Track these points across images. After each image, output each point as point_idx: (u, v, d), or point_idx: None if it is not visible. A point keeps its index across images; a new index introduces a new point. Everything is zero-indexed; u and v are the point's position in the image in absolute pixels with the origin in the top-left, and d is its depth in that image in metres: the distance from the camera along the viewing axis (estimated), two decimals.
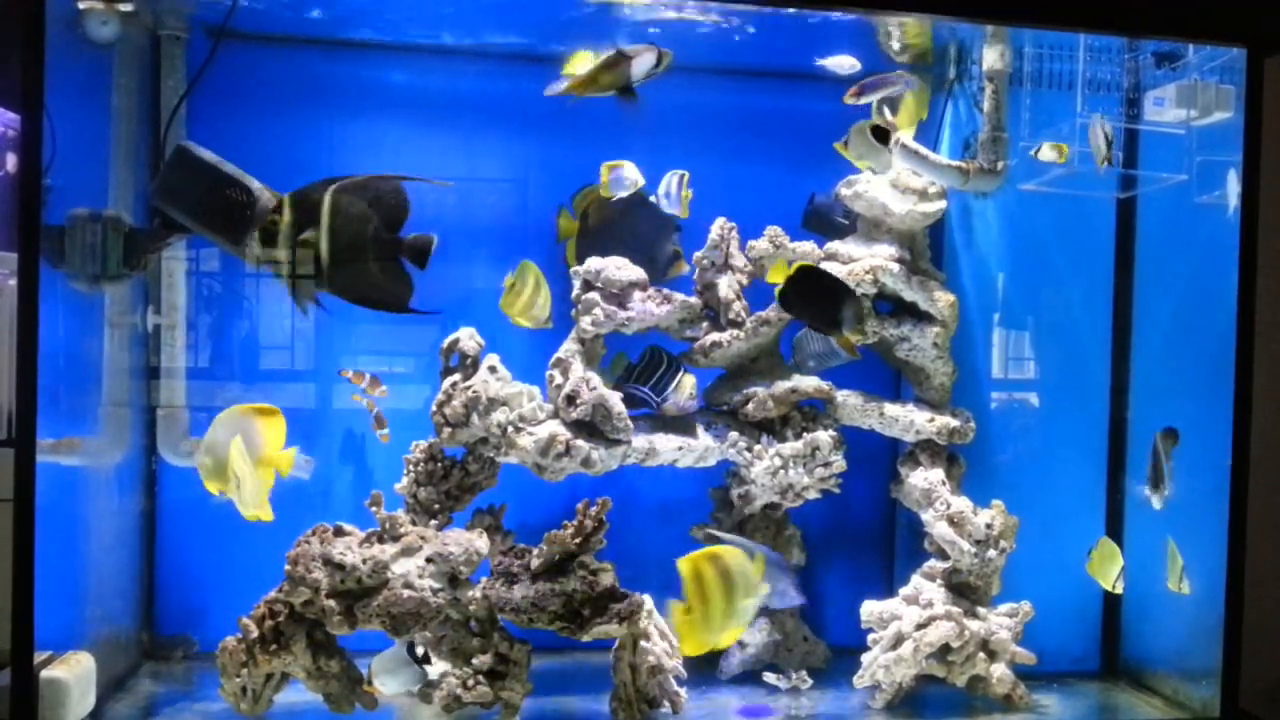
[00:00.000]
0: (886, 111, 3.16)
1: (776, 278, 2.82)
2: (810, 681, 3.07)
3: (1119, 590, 3.02)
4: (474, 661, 2.67)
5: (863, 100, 3.07)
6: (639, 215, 3.17)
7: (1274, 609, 3.04)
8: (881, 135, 2.92)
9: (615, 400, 2.95)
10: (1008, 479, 3.26)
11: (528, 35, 3.19)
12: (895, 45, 3.21)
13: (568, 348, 3.03)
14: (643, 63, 2.55)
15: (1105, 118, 3.01)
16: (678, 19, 2.98)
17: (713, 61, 3.33)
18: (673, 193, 2.97)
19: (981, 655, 2.98)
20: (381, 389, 3.00)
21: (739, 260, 3.16)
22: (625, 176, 2.97)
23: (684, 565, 2.40)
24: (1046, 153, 2.94)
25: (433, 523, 2.81)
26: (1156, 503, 2.92)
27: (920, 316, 3.16)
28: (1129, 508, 3.37)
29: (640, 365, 3.09)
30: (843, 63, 3.10)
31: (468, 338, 2.98)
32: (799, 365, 3.16)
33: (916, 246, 3.23)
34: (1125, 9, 2.90)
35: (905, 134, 3.13)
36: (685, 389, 3.06)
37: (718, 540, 2.58)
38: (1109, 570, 2.98)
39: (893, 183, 3.17)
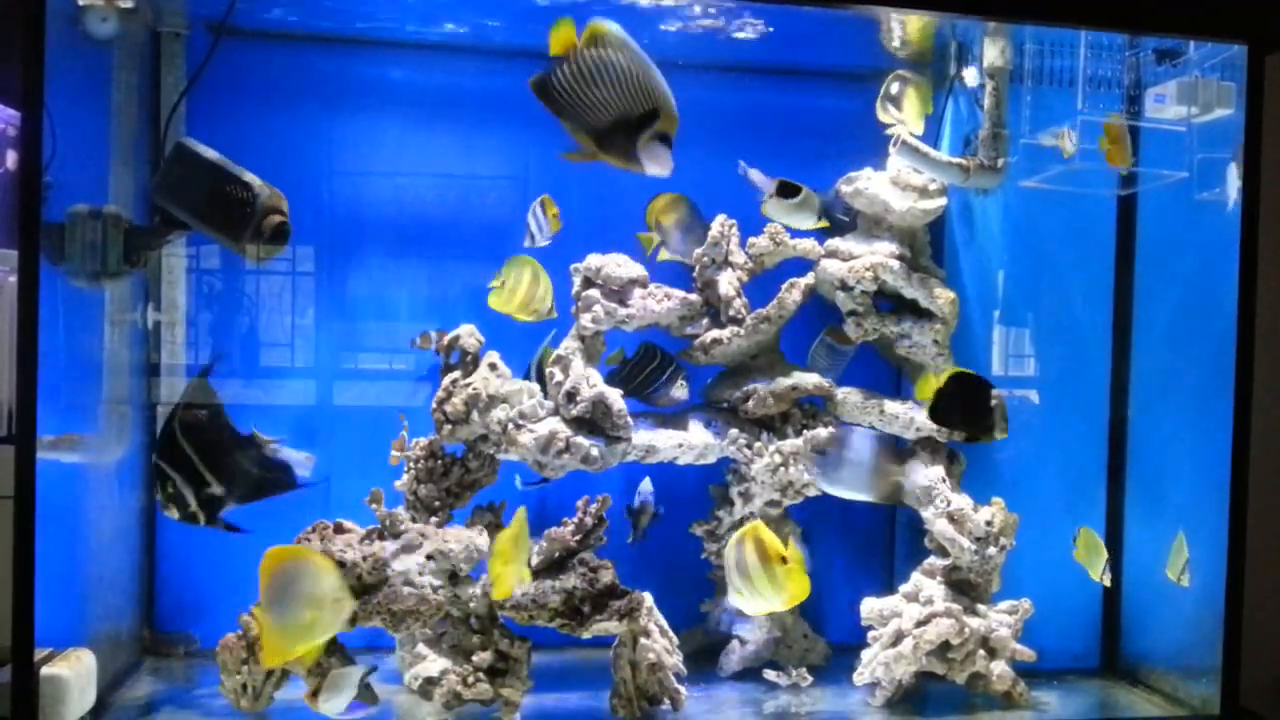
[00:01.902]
0: (891, 108, 3.16)
1: (925, 393, 2.89)
2: (810, 679, 3.07)
3: (1106, 582, 3.02)
4: (474, 658, 2.67)
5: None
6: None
7: (1274, 607, 3.04)
8: (790, 191, 3.00)
9: (615, 397, 2.95)
10: (1008, 476, 3.25)
11: (529, 31, 3.19)
12: (896, 42, 3.21)
13: (568, 345, 3.03)
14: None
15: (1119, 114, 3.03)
16: (676, 16, 2.98)
17: (713, 59, 3.32)
18: (540, 220, 2.93)
19: (981, 652, 2.98)
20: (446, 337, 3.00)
21: (739, 257, 3.16)
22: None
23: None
24: (1064, 142, 2.94)
25: (433, 520, 2.81)
26: None
27: (921, 314, 3.15)
28: (1129, 505, 3.37)
29: (634, 362, 3.09)
30: (758, 179, 3.13)
31: (468, 335, 2.98)
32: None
33: (917, 244, 3.23)
34: (1126, 6, 2.89)
35: (905, 131, 3.13)
36: (679, 385, 3.08)
37: None
38: (1093, 560, 2.98)
39: (893, 180, 3.17)
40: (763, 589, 2.47)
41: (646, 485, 3.09)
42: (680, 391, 3.10)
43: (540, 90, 2.20)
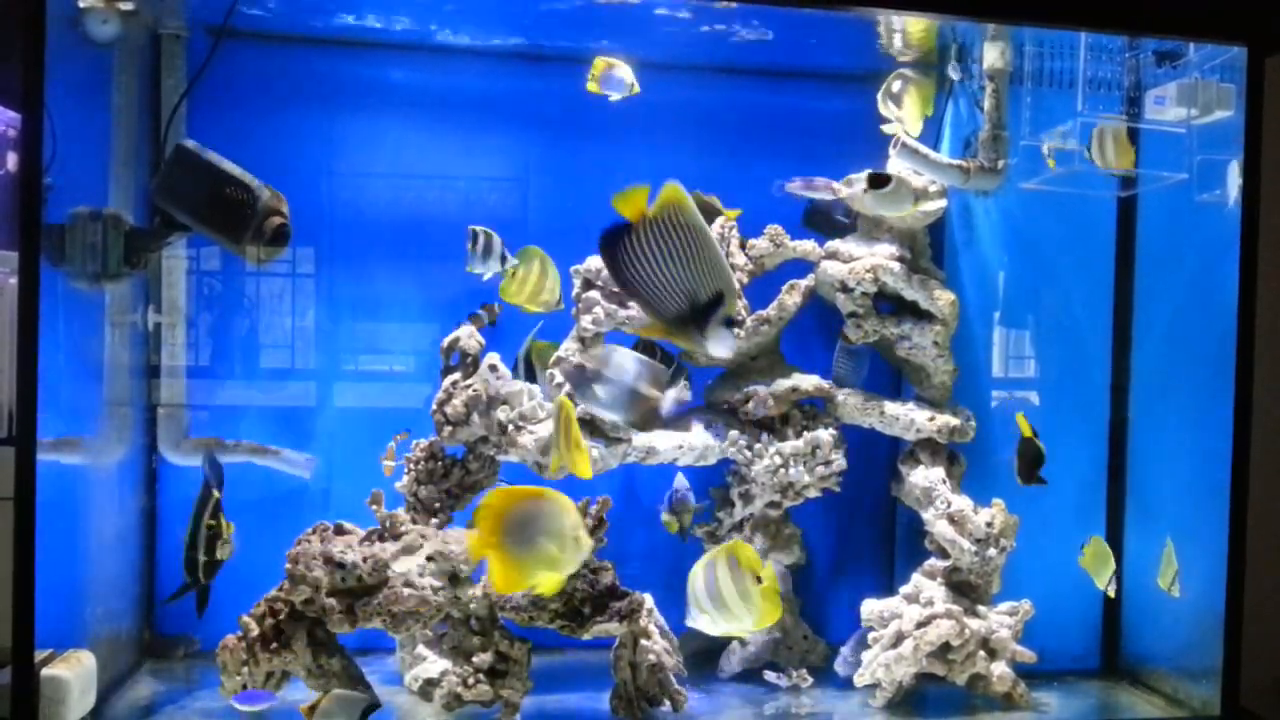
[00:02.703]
0: (893, 106, 3.16)
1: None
2: (810, 680, 3.07)
3: (1111, 592, 3.02)
4: (474, 660, 2.67)
5: (799, 193, 3.13)
6: None
7: (1274, 608, 3.04)
8: (881, 181, 2.96)
9: None
10: (1008, 478, 3.25)
11: (527, 32, 3.19)
12: (898, 44, 3.21)
13: (568, 346, 3.03)
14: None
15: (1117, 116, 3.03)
16: (676, 16, 2.98)
17: (713, 60, 3.33)
18: (489, 250, 2.91)
19: (982, 654, 2.98)
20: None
21: (739, 259, 3.16)
22: (618, 76, 2.94)
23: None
24: (1049, 159, 2.96)
25: (433, 521, 2.81)
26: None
27: (921, 315, 3.16)
28: (1129, 507, 3.37)
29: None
30: (808, 187, 3.15)
31: (468, 336, 2.98)
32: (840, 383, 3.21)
33: (917, 245, 3.23)
34: (1126, 7, 2.90)
35: (903, 132, 3.13)
36: (680, 385, 3.08)
37: None
38: (1101, 569, 2.98)
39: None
40: (734, 606, 2.46)
41: (681, 481, 3.07)
42: (683, 393, 3.11)
43: (610, 259, 2.22)
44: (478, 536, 2.24)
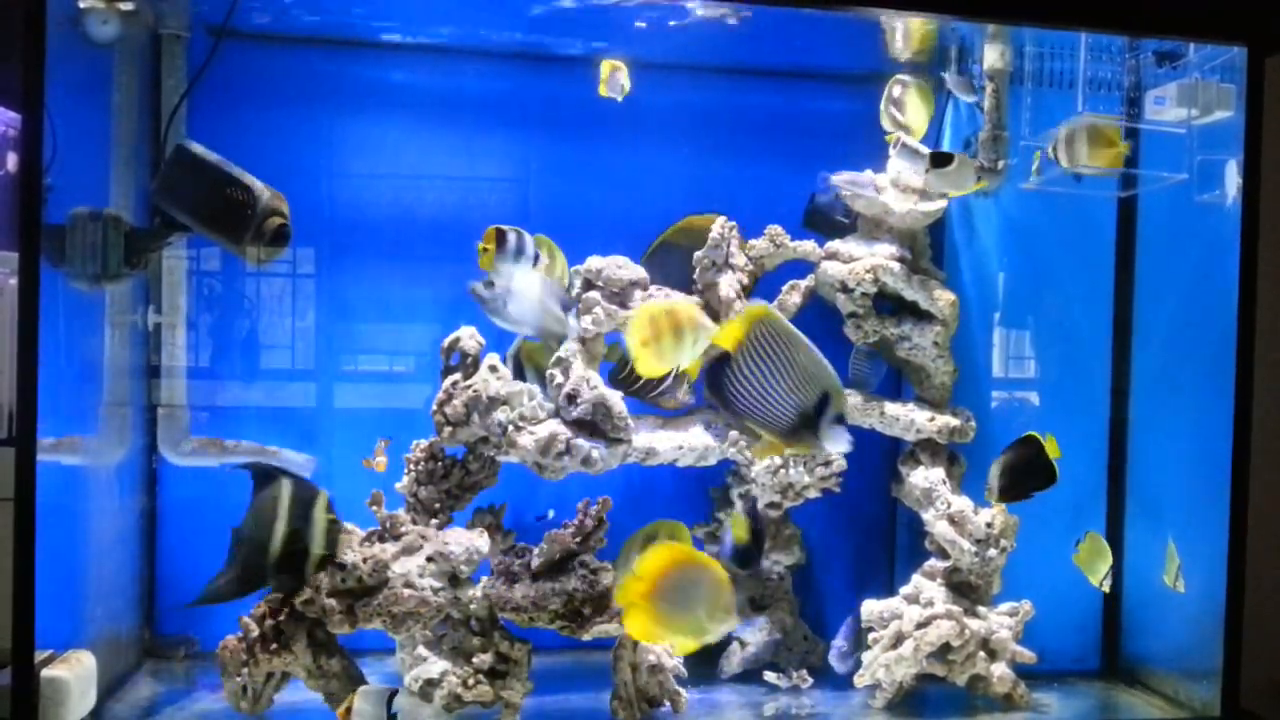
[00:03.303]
0: (895, 111, 3.16)
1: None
2: (811, 680, 3.07)
3: (1106, 589, 3.02)
4: (474, 660, 2.67)
5: (845, 187, 3.10)
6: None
7: (1274, 608, 3.04)
8: (944, 160, 2.94)
9: (616, 399, 2.95)
10: None
11: (527, 32, 3.19)
12: (899, 44, 3.21)
13: (568, 347, 3.02)
14: None
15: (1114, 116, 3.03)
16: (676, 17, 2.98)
17: (713, 60, 3.33)
18: (520, 250, 2.90)
19: (982, 654, 2.98)
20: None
21: (739, 259, 3.16)
22: (619, 80, 2.94)
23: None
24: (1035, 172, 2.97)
25: (433, 522, 2.81)
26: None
27: (921, 315, 3.16)
28: (1129, 507, 3.37)
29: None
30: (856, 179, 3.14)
31: (468, 337, 2.97)
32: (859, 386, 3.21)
33: (917, 246, 3.23)
34: (1126, 8, 2.90)
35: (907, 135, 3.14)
36: (682, 384, 3.08)
37: None
38: (1096, 565, 2.98)
39: (893, 182, 3.17)
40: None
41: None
42: (686, 395, 3.11)
43: (717, 393, 2.30)
44: (631, 586, 2.29)
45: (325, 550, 2.57)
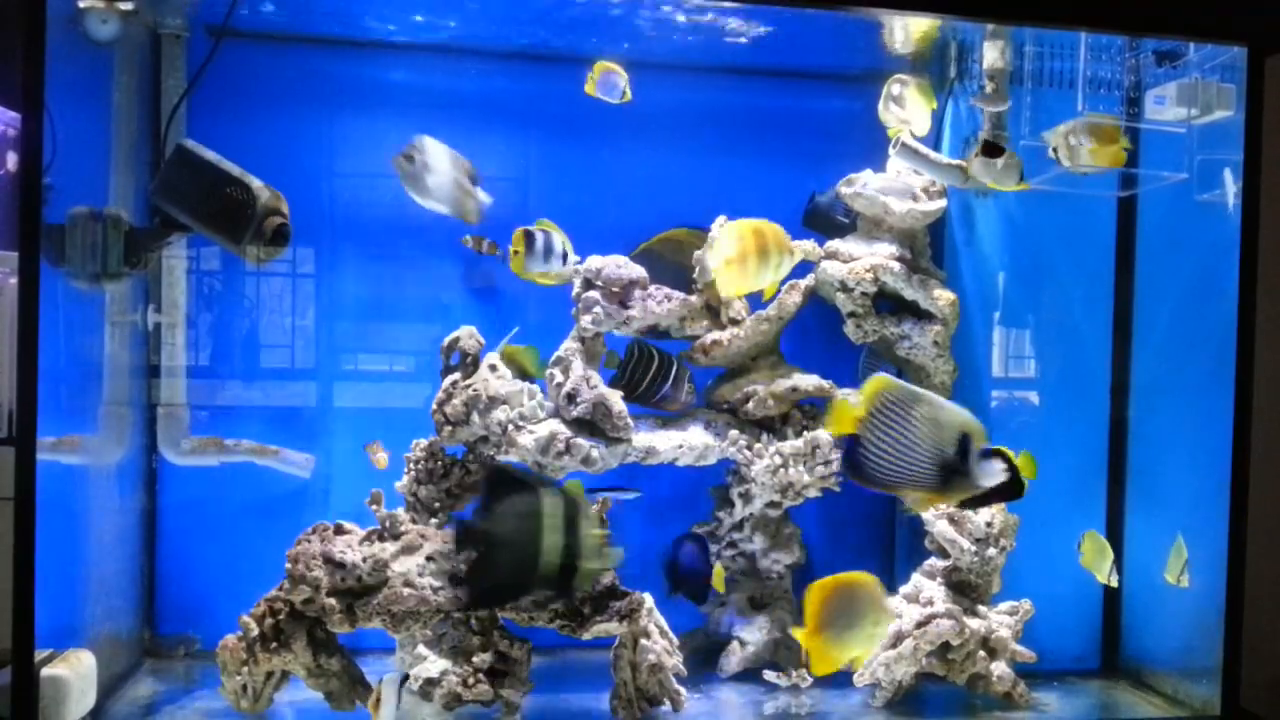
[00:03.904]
0: (896, 109, 3.16)
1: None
2: (810, 679, 3.07)
3: (1114, 584, 3.02)
4: (474, 659, 2.67)
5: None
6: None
7: (1274, 608, 3.04)
8: (995, 151, 2.92)
9: (615, 398, 2.95)
10: None
11: (529, 32, 3.19)
12: (898, 43, 3.21)
13: (568, 346, 3.03)
14: None
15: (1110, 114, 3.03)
16: (675, 15, 2.99)
17: (713, 60, 3.33)
18: (549, 249, 2.93)
19: (982, 653, 2.98)
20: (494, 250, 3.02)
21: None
22: (614, 82, 2.94)
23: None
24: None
25: (433, 521, 2.81)
26: None
27: (921, 315, 3.16)
28: (1129, 506, 3.37)
29: (630, 362, 3.08)
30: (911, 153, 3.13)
31: (468, 336, 2.98)
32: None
33: (917, 245, 3.23)
34: (1126, 8, 2.89)
35: (907, 133, 3.13)
36: (684, 385, 3.08)
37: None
38: (1100, 563, 2.98)
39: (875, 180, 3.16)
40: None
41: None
42: (689, 396, 3.11)
43: (857, 473, 2.32)
44: (809, 632, 2.45)
45: (598, 565, 2.57)
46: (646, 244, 3.21)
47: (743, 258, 2.70)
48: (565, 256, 2.94)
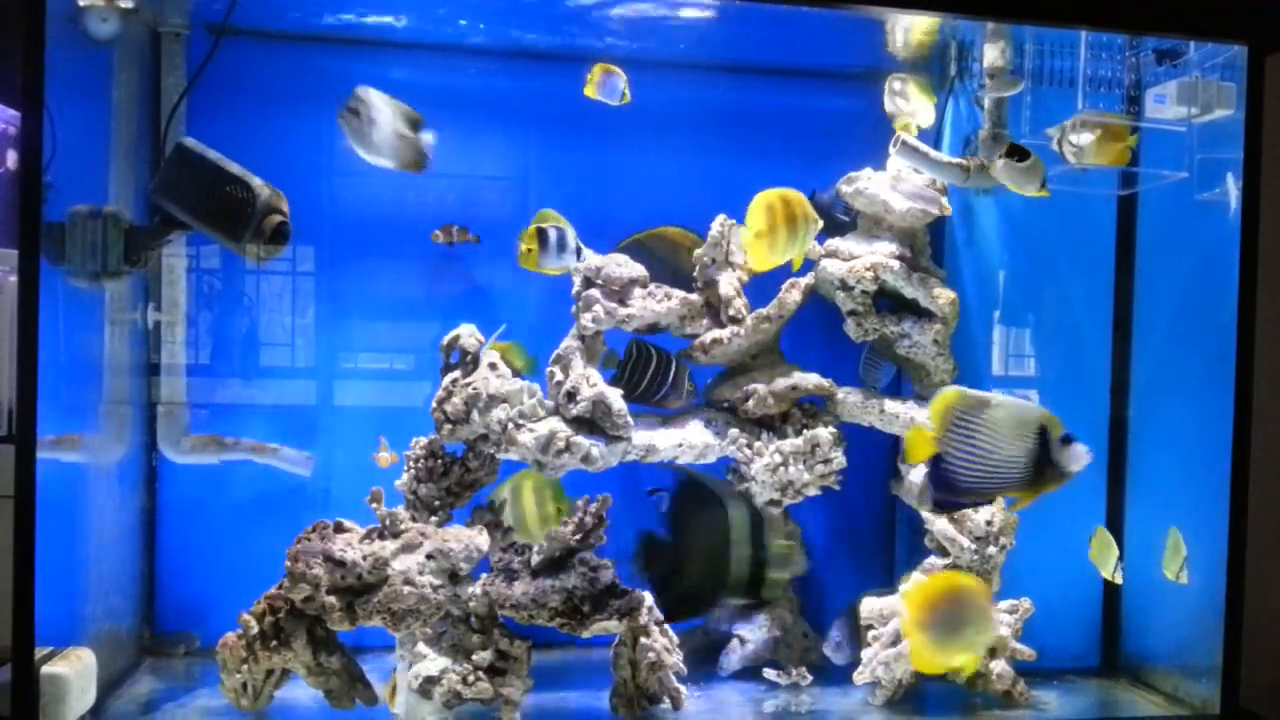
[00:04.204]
0: (900, 103, 3.17)
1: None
2: (810, 678, 3.07)
3: (1119, 580, 3.02)
4: (474, 658, 2.67)
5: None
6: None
7: (1274, 607, 3.04)
8: (1020, 154, 2.92)
9: (615, 397, 2.95)
10: None
11: (529, 31, 3.19)
12: (899, 42, 3.21)
13: (568, 344, 3.03)
14: None
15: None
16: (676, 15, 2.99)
17: (713, 58, 3.33)
18: (562, 245, 2.94)
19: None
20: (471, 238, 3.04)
21: (739, 257, 3.16)
22: (614, 84, 2.95)
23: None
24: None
25: (433, 519, 2.81)
26: None
27: (920, 313, 3.16)
28: (1129, 505, 3.37)
29: (630, 362, 3.08)
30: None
31: (468, 335, 2.98)
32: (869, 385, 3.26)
33: (917, 244, 3.23)
34: (1126, 6, 2.89)
35: (909, 127, 3.14)
36: (684, 384, 3.09)
37: None
38: (1106, 559, 2.99)
39: (892, 178, 3.17)
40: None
41: None
42: (690, 395, 3.11)
43: (949, 491, 2.36)
44: (909, 621, 2.55)
45: (786, 574, 2.59)
46: (637, 236, 3.21)
47: (773, 229, 2.74)
48: (579, 251, 2.94)
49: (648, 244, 3.21)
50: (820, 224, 2.96)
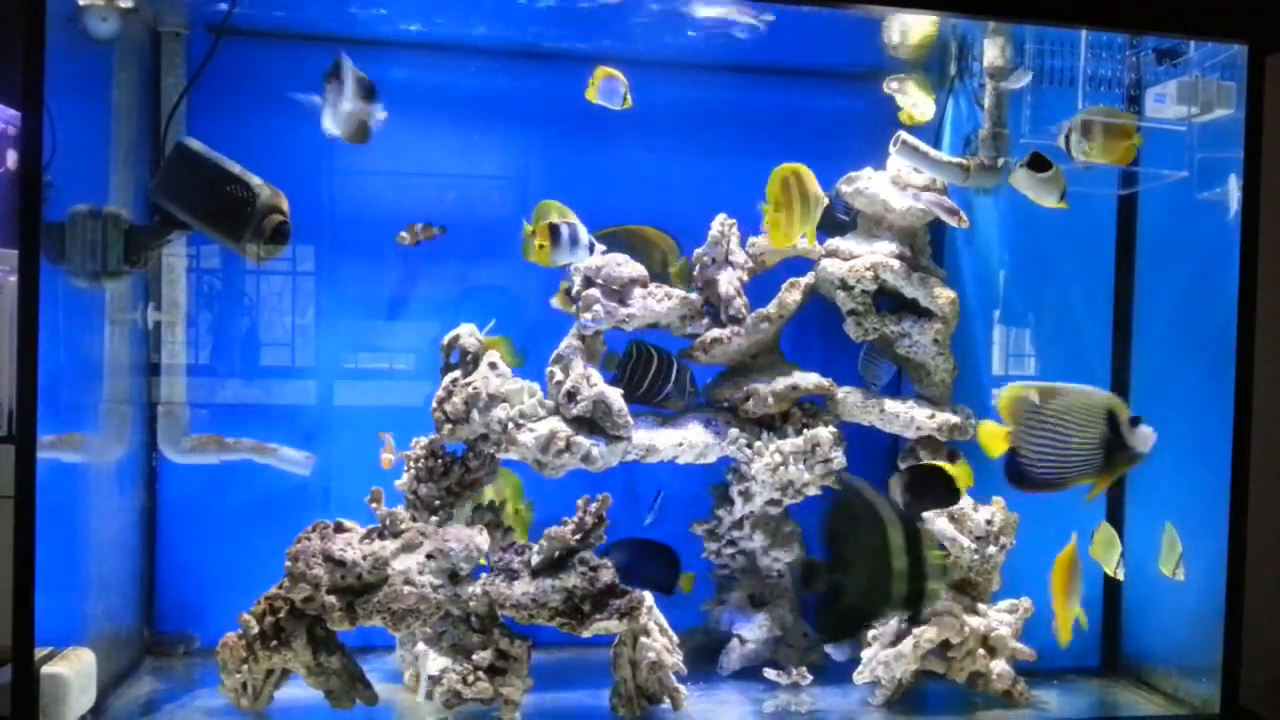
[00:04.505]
0: (900, 98, 3.17)
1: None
2: (810, 678, 3.07)
3: (1121, 576, 3.02)
4: (474, 657, 2.67)
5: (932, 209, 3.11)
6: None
7: (1274, 607, 3.04)
8: (1042, 165, 2.93)
9: (615, 397, 2.95)
10: None
11: (526, 29, 3.19)
12: (896, 39, 3.21)
13: (568, 344, 3.03)
14: None
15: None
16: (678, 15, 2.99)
17: (713, 58, 3.33)
18: (575, 240, 2.93)
19: (981, 651, 2.99)
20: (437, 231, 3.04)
21: (739, 256, 3.16)
22: (615, 88, 2.95)
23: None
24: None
25: (433, 519, 2.81)
26: None
27: (921, 313, 3.16)
28: (1129, 505, 3.37)
29: (630, 363, 3.08)
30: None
31: (468, 334, 2.98)
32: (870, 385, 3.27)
33: (917, 243, 3.23)
34: (1126, 6, 2.89)
35: (912, 115, 3.15)
36: (685, 384, 3.09)
37: None
38: (1109, 555, 2.99)
39: (894, 179, 3.17)
40: None
41: None
42: (690, 396, 3.11)
43: (1027, 484, 2.45)
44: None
45: (942, 584, 2.67)
46: (614, 229, 3.20)
47: (789, 204, 2.78)
48: (592, 246, 2.95)
49: (623, 237, 3.20)
50: (824, 201, 2.99)
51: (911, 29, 3.12)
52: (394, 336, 3.32)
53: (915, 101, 3.17)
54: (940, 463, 2.99)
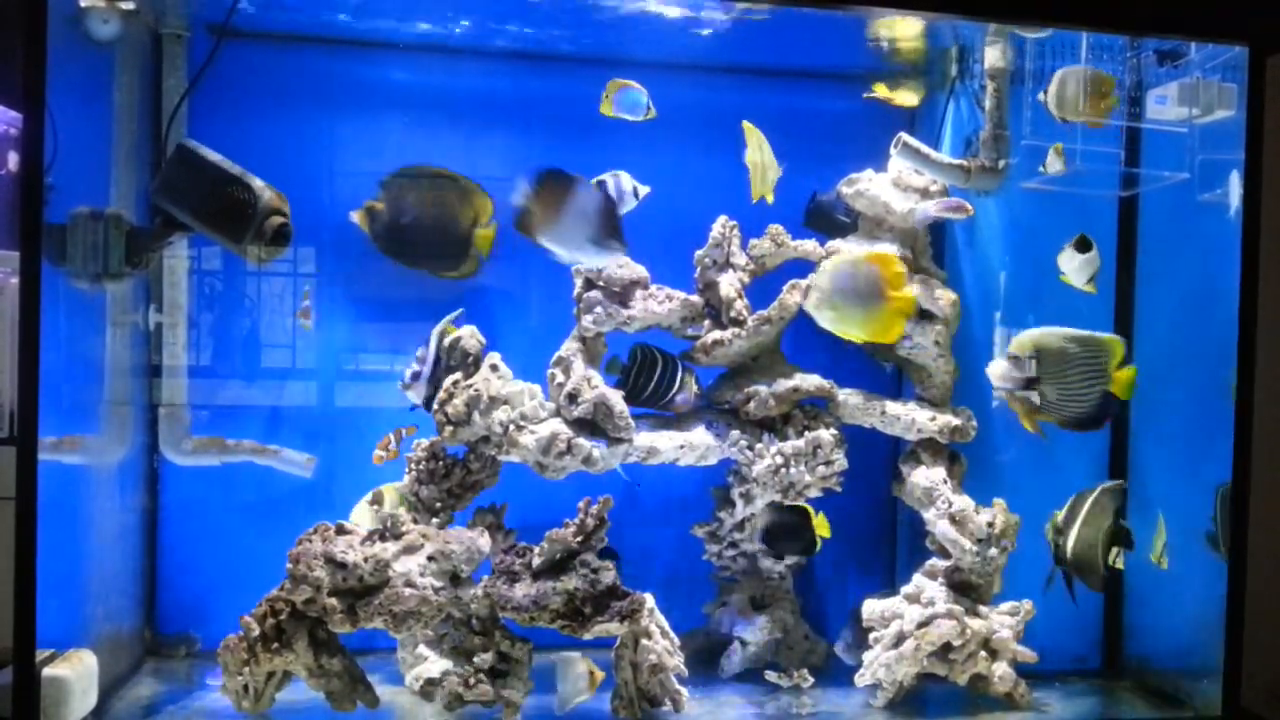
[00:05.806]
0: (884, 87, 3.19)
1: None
2: (811, 680, 3.07)
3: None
4: (475, 660, 2.67)
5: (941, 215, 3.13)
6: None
7: (1274, 608, 3.04)
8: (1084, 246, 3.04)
9: (616, 399, 2.95)
10: (1009, 478, 3.26)
11: (526, 30, 3.19)
12: (885, 44, 3.21)
13: (569, 346, 3.03)
14: None
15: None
16: (680, 16, 2.99)
17: (714, 60, 3.33)
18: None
19: (983, 654, 2.98)
20: None
21: (740, 258, 3.16)
22: (633, 98, 2.94)
23: None
24: (1053, 162, 2.97)
25: (434, 521, 2.81)
26: None
27: (922, 315, 3.15)
28: (1130, 506, 3.37)
29: (635, 366, 3.07)
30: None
31: (469, 336, 2.98)
32: None
33: (918, 245, 3.23)
34: (1127, 7, 2.90)
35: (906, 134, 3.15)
36: (690, 386, 3.08)
37: None
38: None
39: (894, 181, 3.17)
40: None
41: None
42: (695, 399, 3.11)
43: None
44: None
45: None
46: (430, 169, 3.16)
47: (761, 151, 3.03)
48: (636, 191, 2.98)
49: (442, 183, 3.15)
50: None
51: (913, 33, 3.13)
52: (395, 338, 3.31)
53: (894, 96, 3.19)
54: (803, 504, 3.06)
